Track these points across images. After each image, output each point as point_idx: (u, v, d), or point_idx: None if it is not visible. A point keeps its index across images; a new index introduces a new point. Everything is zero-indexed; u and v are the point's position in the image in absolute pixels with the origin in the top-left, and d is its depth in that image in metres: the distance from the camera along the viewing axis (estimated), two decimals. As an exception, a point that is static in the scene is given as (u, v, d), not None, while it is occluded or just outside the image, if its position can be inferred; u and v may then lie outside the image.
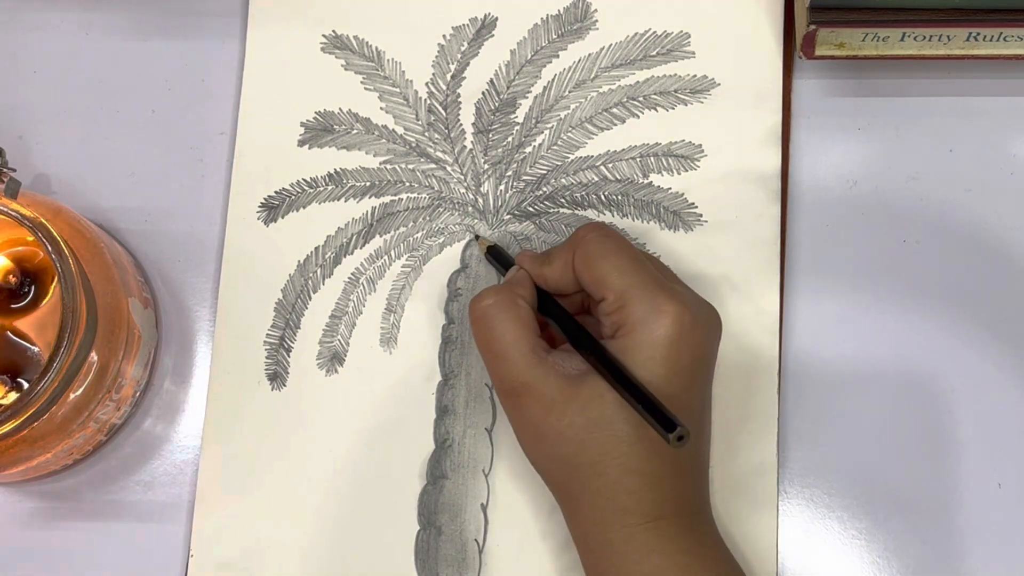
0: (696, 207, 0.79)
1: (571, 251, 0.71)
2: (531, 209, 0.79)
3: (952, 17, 0.74)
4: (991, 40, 0.75)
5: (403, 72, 0.81)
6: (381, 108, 0.81)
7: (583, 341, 0.69)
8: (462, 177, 0.80)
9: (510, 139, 0.80)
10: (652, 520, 0.67)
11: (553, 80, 0.80)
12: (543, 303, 0.72)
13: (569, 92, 0.80)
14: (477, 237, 0.78)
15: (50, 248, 0.69)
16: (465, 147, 0.80)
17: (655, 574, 0.67)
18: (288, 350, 0.78)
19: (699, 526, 0.69)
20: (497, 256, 0.76)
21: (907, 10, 0.74)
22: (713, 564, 0.68)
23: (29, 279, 0.75)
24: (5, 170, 0.72)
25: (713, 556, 0.69)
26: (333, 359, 0.78)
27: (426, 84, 0.81)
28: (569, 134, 0.80)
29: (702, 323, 0.68)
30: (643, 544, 0.67)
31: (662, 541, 0.67)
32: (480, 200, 0.79)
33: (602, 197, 0.79)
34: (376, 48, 0.81)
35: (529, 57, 0.81)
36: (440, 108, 0.81)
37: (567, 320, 0.71)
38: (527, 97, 0.80)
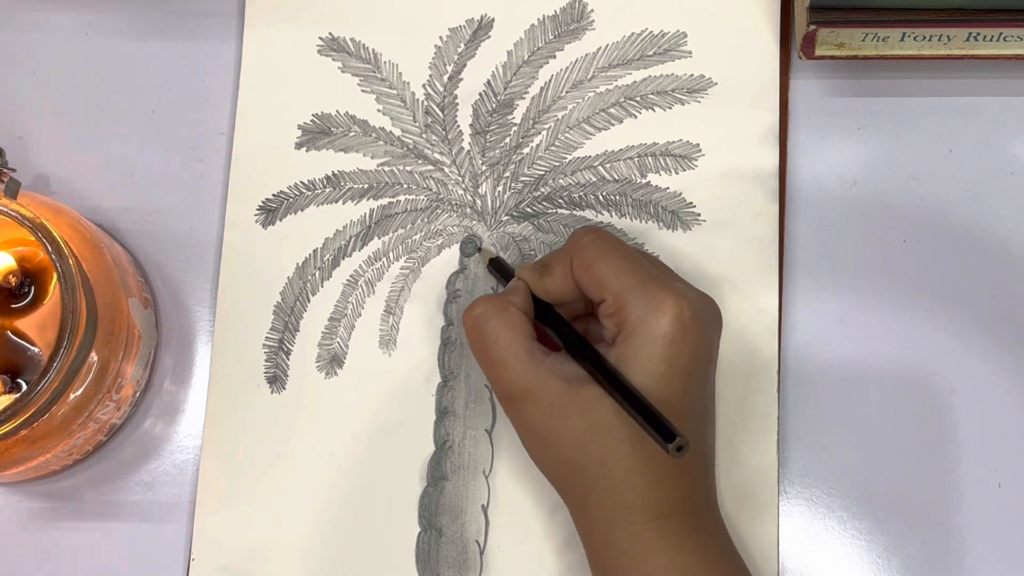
0: (694, 206, 0.79)
1: (568, 257, 0.71)
2: (529, 210, 0.79)
3: (952, 17, 0.74)
4: (991, 40, 0.75)
5: (400, 74, 0.81)
6: (378, 110, 0.81)
7: (581, 349, 0.69)
8: (460, 179, 0.80)
9: (508, 140, 0.80)
10: (658, 519, 0.67)
11: (550, 81, 0.80)
12: (542, 312, 0.72)
13: (566, 92, 0.80)
14: (478, 249, 0.78)
15: (50, 248, 0.69)
16: (463, 148, 0.80)
17: (660, 573, 0.67)
18: (287, 353, 0.78)
19: (706, 525, 0.69)
20: (499, 268, 0.76)
21: (907, 10, 0.74)
22: (718, 563, 0.68)
23: (29, 279, 0.75)
24: (5, 170, 0.72)
25: (718, 555, 0.69)
26: (332, 361, 0.78)
27: (423, 86, 0.81)
28: (567, 135, 0.80)
29: (701, 317, 0.68)
30: (648, 543, 0.67)
31: (667, 540, 0.67)
32: (478, 201, 0.79)
33: (600, 197, 0.79)
34: (373, 50, 0.81)
35: (526, 58, 0.81)
36: (437, 110, 0.80)
37: (565, 328, 0.71)
38: (524, 98, 0.80)
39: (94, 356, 0.71)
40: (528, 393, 0.68)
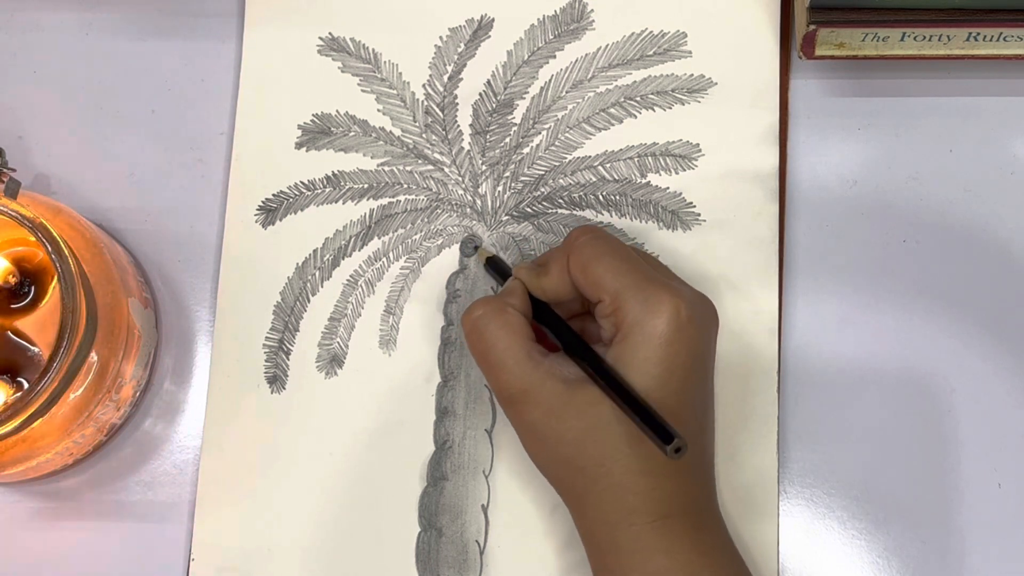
0: (694, 206, 0.78)
1: (565, 256, 0.71)
2: (529, 210, 0.79)
3: (952, 17, 0.74)
4: (991, 40, 0.75)
5: (400, 74, 0.81)
6: (378, 110, 0.81)
7: (579, 350, 0.69)
8: (460, 178, 0.80)
9: (508, 140, 0.80)
10: (658, 519, 0.67)
11: (550, 81, 0.80)
12: (539, 311, 0.72)
13: (566, 92, 0.80)
14: (476, 248, 0.78)
15: (50, 248, 0.69)
16: (463, 148, 0.80)
17: (661, 573, 0.67)
18: (287, 353, 0.78)
19: (706, 525, 0.69)
20: (496, 267, 0.76)
21: (907, 10, 0.74)
22: (719, 564, 0.68)
23: (29, 279, 0.75)
24: (5, 170, 0.72)
25: (719, 556, 0.69)
26: (332, 361, 0.78)
27: (423, 86, 0.81)
28: (567, 135, 0.80)
29: (698, 318, 0.68)
30: (649, 543, 0.67)
31: (668, 540, 0.67)
32: (478, 201, 0.79)
33: (600, 197, 0.79)
34: (373, 50, 0.81)
35: (526, 58, 0.81)
36: (437, 110, 0.80)
37: (563, 329, 0.71)
38: (524, 98, 0.80)
39: (94, 356, 0.71)
40: (527, 395, 0.68)
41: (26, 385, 0.73)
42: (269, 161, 0.80)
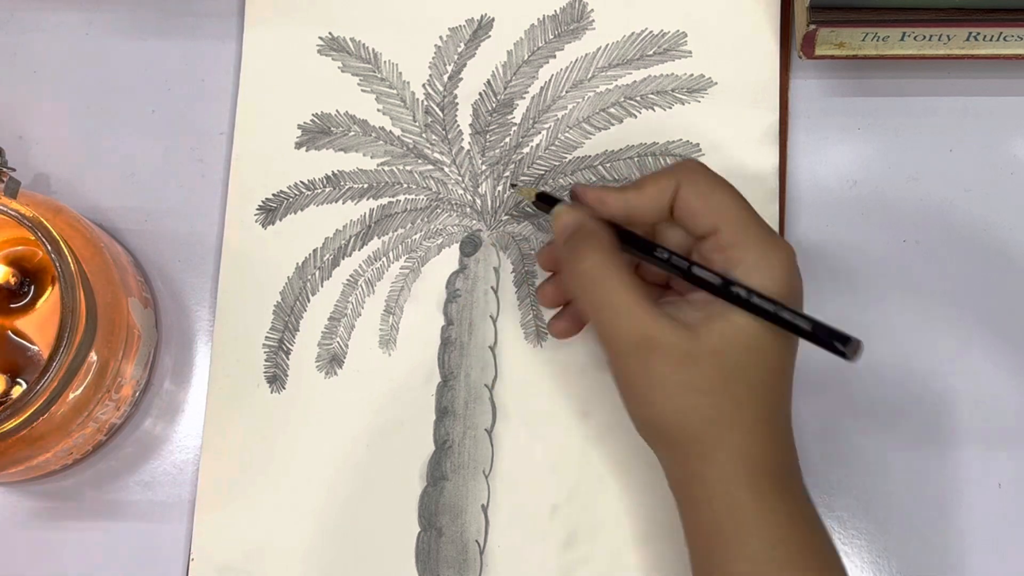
0: (695, 207, 0.78)
1: (673, 180, 0.68)
2: (529, 210, 0.79)
3: (952, 17, 0.74)
4: (991, 40, 0.75)
5: (400, 74, 0.81)
6: (378, 110, 0.81)
7: (705, 273, 0.66)
8: (460, 178, 0.80)
9: (507, 140, 0.80)
10: (780, 480, 0.66)
11: (550, 80, 0.80)
12: (629, 242, 0.69)
13: (566, 92, 0.80)
14: (477, 248, 0.78)
15: (50, 248, 0.69)
16: (463, 148, 0.80)
17: (782, 542, 0.65)
18: (287, 352, 0.78)
19: (806, 492, 0.68)
20: (547, 200, 0.73)
21: (907, 10, 0.74)
22: (826, 536, 0.67)
23: (29, 279, 0.75)
24: (5, 170, 0.72)
25: (822, 526, 0.67)
26: (332, 361, 0.78)
27: (423, 85, 0.81)
28: (566, 134, 0.80)
29: (798, 269, 0.67)
30: (773, 506, 0.65)
31: (789, 505, 0.66)
32: (478, 201, 0.79)
33: (600, 197, 0.79)
34: (373, 50, 0.81)
35: (526, 58, 0.81)
36: (437, 109, 0.80)
37: (677, 257, 0.68)
38: (524, 98, 0.80)
39: (93, 356, 0.71)
40: (652, 342, 0.65)
41: (26, 385, 0.73)
42: (269, 161, 0.80)
